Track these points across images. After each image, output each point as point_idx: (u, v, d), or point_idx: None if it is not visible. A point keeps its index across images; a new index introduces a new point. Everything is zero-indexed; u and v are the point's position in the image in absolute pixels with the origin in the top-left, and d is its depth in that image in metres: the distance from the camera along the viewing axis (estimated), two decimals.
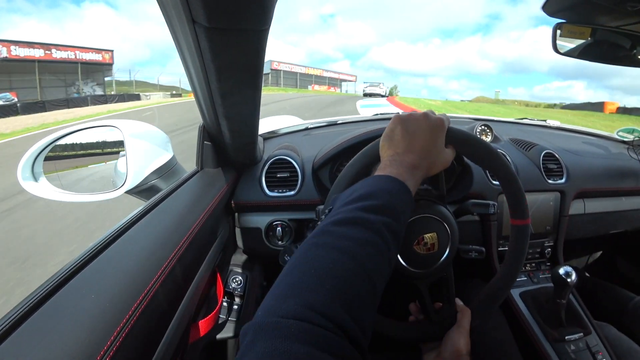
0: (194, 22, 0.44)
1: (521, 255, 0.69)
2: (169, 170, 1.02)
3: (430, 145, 0.58)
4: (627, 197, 1.36)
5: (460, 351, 0.66)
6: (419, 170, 0.55)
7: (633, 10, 0.81)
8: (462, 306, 0.73)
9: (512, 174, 0.66)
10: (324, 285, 0.34)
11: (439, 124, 0.60)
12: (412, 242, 0.65)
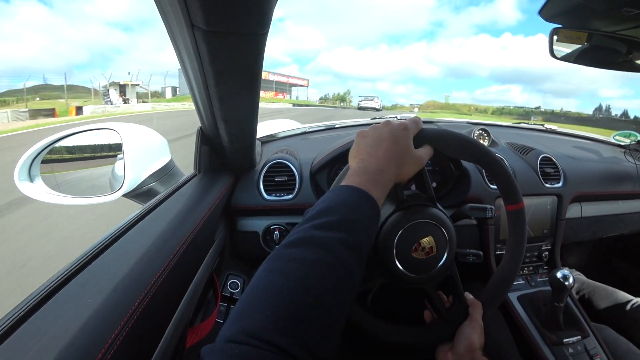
0: (192, 25, 0.44)
1: (522, 240, 0.69)
2: (166, 174, 1.02)
3: (394, 148, 0.57)
4: (624, 201, 1.37)
5: (473, 345, 0.66)
6: (384, 174, 0.54)
7: (629, 15, 0.82)
8: (472, 299, 0.72)
9: (496, 160, 0.66)
10: (267, 311, 0.35)
11: (402, 128, 0.60)
12: (410, 249, 0.64)
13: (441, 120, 1.68)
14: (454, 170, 1.11)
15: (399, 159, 0.57)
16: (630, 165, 1.42)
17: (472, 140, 0.66)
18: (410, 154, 0.59)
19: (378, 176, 0.53)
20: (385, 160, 0.55)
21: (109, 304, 0.41)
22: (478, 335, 0.67)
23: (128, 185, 0.90)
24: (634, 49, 1.02)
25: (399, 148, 0.57)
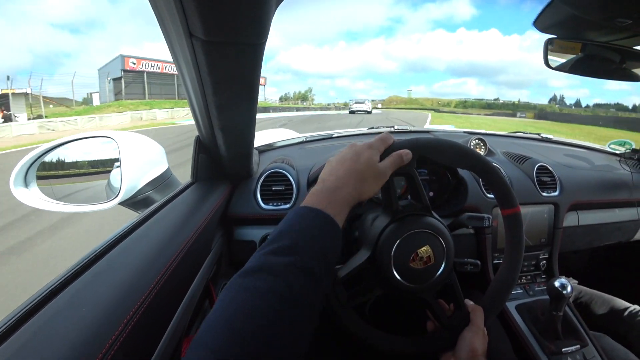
0: (191, 35, 0.44)
1: (520, 243, 0.70)
2: (163, 182, 1.02)
3: (355, 166, 0.59)
4: (620, 209, 1.37)
5: (475, 351, 0.66)
6: (342, 190, 0.56)
7: (622, 26, 0.83)
8: (472, 306, 0.72)
9: (490, 166, 0.67)
10: (214, 343, 0.37)
11: (365, 147, 0.62)
12: (408, 260, 0.64)
13: (437, 130, 1.69)
14: (451, 179, 1.12)
15: (359, 175, 0.59)
16: (625, 173, 1.43)
17: (466, 148, 0.67)
18: (372, 169, 0.60)
19: (335, 193, 0.55)
20: (343, 178, 0.57)
21: (103, 313, 0.41)
22: (480, 341, 0.67)
23: (124, 193, 0.90)
24: (627, 59, 1.03)
25: (359, 165, 0.59)
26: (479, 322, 0.69)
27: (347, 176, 0.58)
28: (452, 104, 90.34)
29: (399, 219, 0.66)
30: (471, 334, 0.68)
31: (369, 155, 0.61)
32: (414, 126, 1.67)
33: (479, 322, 0.69)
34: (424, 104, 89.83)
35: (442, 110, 77.58)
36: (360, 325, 0.68)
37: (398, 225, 0.65)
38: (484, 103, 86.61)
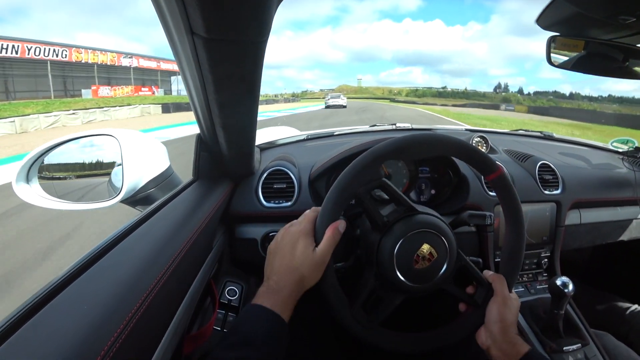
0: (192, 33, 0.44)
1: (515, 202, 0.70)
2: (165, 180, 1.02)
3: (292, 262, 0.62)
4: (623, 207, 1.37)
5: (505, 321, 0.68)
6: (284, 290, 0.61)
7: (625, 23, 0.82)
8: (492, 275, 0.73)
9: (459, 142, 0.67)
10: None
11: (297, 234, 0.64)
12: (412, 263, 0.65)
13: (439, 128, 1.69)
14: (453, 177, 1.11)
15: (297, 274, 0.62)
16: (628, 171, 1.43)
17: (431, 136, 0.67)
18: (309, 261, 0.62)
19: (278, 294, 0.60)
20: (283, 278, 0.62)
21: (106, 311, 0.41)
22: (508, 310, 0.69)
23: (126, 191, 0.90)
24: (630, 56, 1.03)
25: (295, 261, 0.62)
26: (503, 289, 0.70)
27: (287, 276, 0.62)
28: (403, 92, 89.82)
29: (388, 229, 0.67)
30: (497, 304, 0.69)
31: (303, 246, 0.63)
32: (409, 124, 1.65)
33: (502, 290, 0.70)
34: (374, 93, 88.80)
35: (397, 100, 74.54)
36: (391, 338, 0.70)
37: (389, 237, 0.66)
38: (435, 91, 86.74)
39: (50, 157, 0.95)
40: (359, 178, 0.65)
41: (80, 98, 22.90)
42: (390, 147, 0.65)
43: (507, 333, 0.67)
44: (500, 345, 0.67)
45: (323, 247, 0.63)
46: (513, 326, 0.69)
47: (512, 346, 0.66)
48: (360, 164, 0.65)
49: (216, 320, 0.86)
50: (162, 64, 32.61)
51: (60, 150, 0.96)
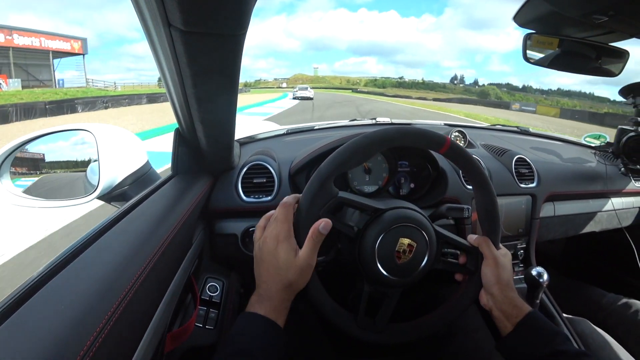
0: (169, 25, 0.43)
1: (473, 164, 0.70)
2: (143, 176, 1.00)
3: (277, 270, 0.61)
4: (594, 200, 1.42)
5: (501, 280, 0.69)
6: (275, 297, 0.61)
7: (598, 22, 0.85)
8: (476, 239, 0.74)
9: (398, 130, 0.66)
10: None
11: (276, 240, 0.62)
12: (394, 260, 0.67)
13: (419, 122, 1.71)
14: (432, 171, 1.13)
15: (284, 280, 0.61)
16: (600, 165, 1.48)
17: (374, 134, 0.66)
18: (294, 267, 0.61)
19: (271, 301, 0.60)
20: (272, 286, 0.61)
21: (84, 310, 0.40)
22: (502, 268, 0.70)
23: (103, 187, 0.88)
24: (603, 55, 1.06)
25: (280, 269, 0.61)
26: (490, 250, 0.71)
27: (275, 283, 0.61)
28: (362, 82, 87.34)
29: (361, 237, 0.68)
30: (489, 267, 0.70)
31: (285, 252, 0.61)
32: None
33: (490, 251, 0.71)
34: (332, 83, 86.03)
35: (360, 90, 70.40)
36: (405, 330, 0.72)
37: (364, 243, 0.67)
38: (394, 82, 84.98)
39: (23, 153, 0.92)
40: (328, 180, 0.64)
41: None
42: (332, 164, 0.64)
43: (506, 293, 0.69)
44: (501, 307, 0.69)
45: (305, 251, 0.62)
46: (510, 284, 0.70)
47: (512, 307, 0.68)
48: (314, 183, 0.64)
49: (197, 317, 0.86)
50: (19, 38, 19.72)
51: (33, 146, 0.92)
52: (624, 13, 0.80)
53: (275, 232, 0.63)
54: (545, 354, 0.62)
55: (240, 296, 1.05)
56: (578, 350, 0.62)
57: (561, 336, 0.64)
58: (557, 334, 0.64)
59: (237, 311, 0.98)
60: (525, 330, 0.66)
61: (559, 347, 0.62)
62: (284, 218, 0.64)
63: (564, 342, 0.63)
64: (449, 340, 0.96)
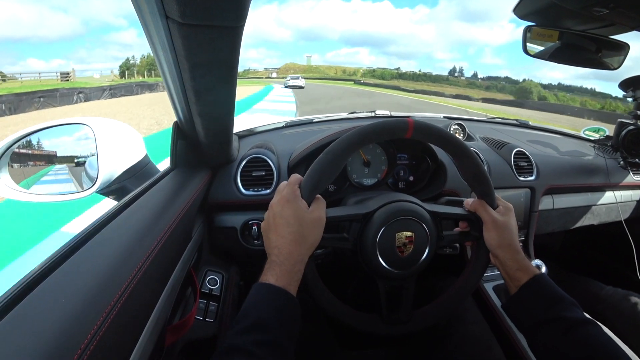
0: (167, 17, 0.43)
1: (445, 135, 0.69)
2: (141, 170, 0.99)
3: (288, 227, 0.60)
4: (593, 193, 1.43)
5: (503, 241, 0.69)
6: (292, 257, 0.59)
7: (598, 15, 0.84)
8: (472, 204, 0.74)
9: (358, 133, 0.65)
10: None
11: (284, 201, 0.62)
12: (397, 254, 0.67)
13: (418, 115, 1.70)
14: (431, 164, 1.13)
15: (298, 236, 0.60)
16: (599, 158, 1.48)
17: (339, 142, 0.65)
18: (306, 221, 0.61)
19: (282, 266, 0.58)
20: (284, 247, 0.60)
21: (84, 304, 0.40)
22: (503, 229, 0.69)
23: (101, 181, 0.88)
24: (602, 48, 1.05)
25: (292, 226, 0.60)
26: (488, 213, 0.71)
27: (286, 244, 0.60)
28: (358, 73, 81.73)
29: (360, 243, 0.69)
30: (489, 231, 0.70)
31: (294, 208, 0.61)
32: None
33: (487, 214, 0.71)
34: (326, 73, 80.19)
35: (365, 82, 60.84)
36: (431, 313, 0.73)
37: (364, 249, 0.68)
38: (394, 73, 78.67)
39: (22, 147, 0.92)
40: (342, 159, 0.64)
41: None
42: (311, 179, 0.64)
43: (510, 256, 0.69)
44: (506, 269, 0.69)
45: (314, 206, 0.62)
46: (512, 246, 0.69)
47: (516, 270, 0.68)
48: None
49: (198, 310, 0.86)
50: None
51: (32, 140, 0.92)
52: (624, 6, 0.80)
53: (281, 196, 0.63)
54: (548, 318, 0.61)
55: (240, 289, 1.05)
56: (585, 318, 0.61)
57: (566, 301, 0.63)
58: (562, 299, 0.63)
59: (236, 304, 0.98)
60: (529, 294, 0.66)
61: (563, 312, 0.61)
62: (289, 183, 0.64)
63: (570, 308, 0.62)
64: (449, 332, 0.96)
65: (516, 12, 0.97)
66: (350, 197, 0.85)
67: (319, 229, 0.62)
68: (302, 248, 0.60)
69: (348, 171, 1.08)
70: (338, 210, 0.69)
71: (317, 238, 0.62)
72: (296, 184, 0.64)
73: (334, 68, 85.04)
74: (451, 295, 0.74)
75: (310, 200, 0.63)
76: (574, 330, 0.59)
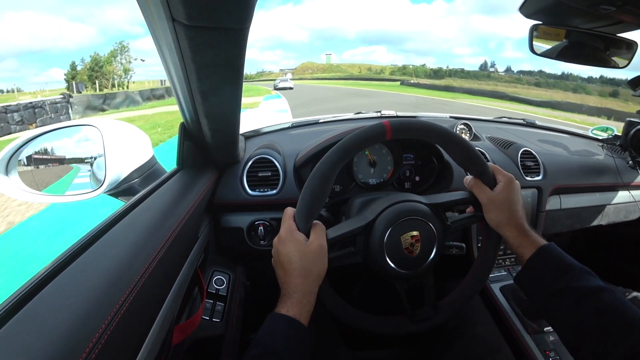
0: (173, 20, 0.43)
1: (424, 128, 0.69)
2: (148, 170, 1.00)
3: (291, 265, 0.62)
4: (601, 193, 1.41)
5: (502, 218, 0.70)
6: (297, 292, 0.61)
7: (606, 13, 0.83)
8: (468, 185, 0.74)
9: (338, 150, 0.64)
10: None
11: (283, 239, 0.63)
12: (407, 255, 0.67)
13: (423, 115, 1.70)
14: (437, 164, 1.13)
15: (303, 270, 0.62)
16: (607, 158, 1.46)
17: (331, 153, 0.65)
18: (307, 255, 0.62)
19: (292, 298, 0.61)
20: (293, 282, 0.62)
21: (92, 303, 0.41)
22: (499, 211, 0.70)
23: (109, 182, 0.89)
24: (610, 46, 1.04)
25: (296, 262, 0.62)
26: (485, 193, 0.71)
27: (292, 278, 0.62)
28: (386, 71, 71.81)
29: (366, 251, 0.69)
30: (488, 211, 0.71)
31: (294, 243, 0.62)
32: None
33: (484, 194, 0.71)
34: (350, 72, 69.50)
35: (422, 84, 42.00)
36: (447, 309, 0.74)
37: (371, 258, 0.68)
38: (428, 70, 66.62)
39: (31, 149, 0.93)
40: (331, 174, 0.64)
41: None
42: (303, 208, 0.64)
43: (514, 231, 0.69)
44: (512, 247, 0.70)
45: (312, 236, 0.64)
46: (513, 222, 0.69)
47: (519, 246, 0.68)
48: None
49: (204, 310, 0.87)
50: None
51: (40, 142, 0.93)
52: (632, 3, 0.79)
53: (279, 234, 0.65)
54: (557, 288, 0.61)
55: (246, 289, 1.06)
56: (598, 285, 0.59)
57: (576, 269, 0.62)
58: (571, 267, 0.62)
59: (243, 304, 0.98)
60: (535, 265, 0.65)
61: (573, 281, 0.60)
62: (284, 219, 0.66)
63: (582, 277, 0.61)
64: (457, 334, 0.96)
65: (522, 11, 0.97)
66: (355, 197, 0.85)
67: (322, 258, 0.64)
68: (308, 281, 0.62)
69: (354, 171, 1.08)
70: (338, 228, 0.69)
71: (323, 268, 0.64)
72: (291, 218, 0.65)
73: (357, 66, 75.48)
74: (473, 276, 0.75)
75: (307, 229, 0.64)
76: (586, 298, 0.58)
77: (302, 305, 0.61)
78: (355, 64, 78.45)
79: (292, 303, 0.60)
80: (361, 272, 1.20)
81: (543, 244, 0.67)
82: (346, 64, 78.11)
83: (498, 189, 0.70)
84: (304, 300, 0.61)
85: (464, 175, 1.11)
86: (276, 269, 0.65)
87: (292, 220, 0.64)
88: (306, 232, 0.64)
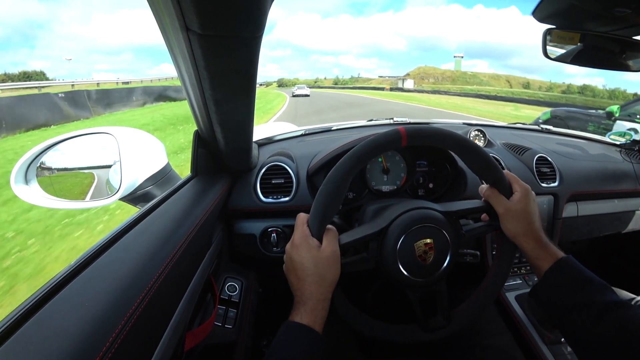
0: (187, 29, 0.44)
1: (438, 135, 0.68)
2: (163, 177, 1.02)
3: (305, 271, 0.62)
4: (620, 199, 1.38)
5: (519, 234, 0.69)
6: (311, 300, 0.61)
7: (621, 15, 0.82)
8: (484, 194, 0.73)
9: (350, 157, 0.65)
10: None
11: (297, 244, 0.63)
12: (420, 264, 0.67)
13: (436, 121, 1.69)
14: (450, 170, 1.12)
15: (317, 277, 0.62)
16: (626, 164, 1.43)
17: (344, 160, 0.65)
18: (320, 261, 0.62)
19: (306, 305, 0.61)
20: (306, 289, 0.61)
21: (106, 308, 0.41)
22: (516, 222, 0.69)
23: (125, 189, 0.90)
24: (627, 49, 1.02)
25: (310, 268, 0.62)
26: (500, 203, 0.70)
27: (305, 285, 0.62)
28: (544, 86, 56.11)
29: (379, 258, 0.69)
30: (504, 223, 0.70)
31: (306, 250, 0.62)
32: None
33: (500, 204, 0.70)
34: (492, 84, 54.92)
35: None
36: (460, 317, 0.73)
37: (385, 265, 0.68)
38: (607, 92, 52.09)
39: (48, 157, 0.95)
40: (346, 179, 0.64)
41: None
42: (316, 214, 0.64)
43: (532, 243, 0.68)
44: (529, 259, 0.68)
45: (327, 242, 0.63)
46: (530, 233, 0.68)
47: (536, 258, 0.67)
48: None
49: (217, 316, 0.87)
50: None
51: (57, 149, 0.96)
52: None
53: (292, 240, 0.65)
54: (577, 302, 0.59)
55: (259, 296, 1.06)
56: (618, 300, 0.58)
57: (596, 284, 0.60)
58: (591, 281, 0.61)
59: (255, 310, 0.98)
60: (553, 279, 0.64)
61: (593, 295, 0.58)
62: (297, 225, 0.66)
63: (600, 291, 0.59)
64: (472, 344, 0.94)
65: (535, 15, 0.96)
66: (368, 204, 0.85)
67: (335, 265, 0.63)
68: (322, 287, 0.62)
69: (367, 178, 1.07)
70: (351, 234, 0.69)
71: (336, 274, 0.64)
72: (304, 223, 0.65)
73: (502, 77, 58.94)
74: (486, 286, 0.74)
75: (320, 235, 0.64)
76: (606, 314, 0.56)
77: (316, 312, 0.60)
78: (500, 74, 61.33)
79: (306, 310, 0.60)
80: (374, 279, 1.19)
81: (561, 256, 0.65)
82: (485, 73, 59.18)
83: (515, 199, 0.70)
84: (319, 307, 0.61)
85: (478, 182, 1.10)
86: (288, 275, 0.65)
87: (306, 226, 0.64)
88: (319, 238, 0.64)
